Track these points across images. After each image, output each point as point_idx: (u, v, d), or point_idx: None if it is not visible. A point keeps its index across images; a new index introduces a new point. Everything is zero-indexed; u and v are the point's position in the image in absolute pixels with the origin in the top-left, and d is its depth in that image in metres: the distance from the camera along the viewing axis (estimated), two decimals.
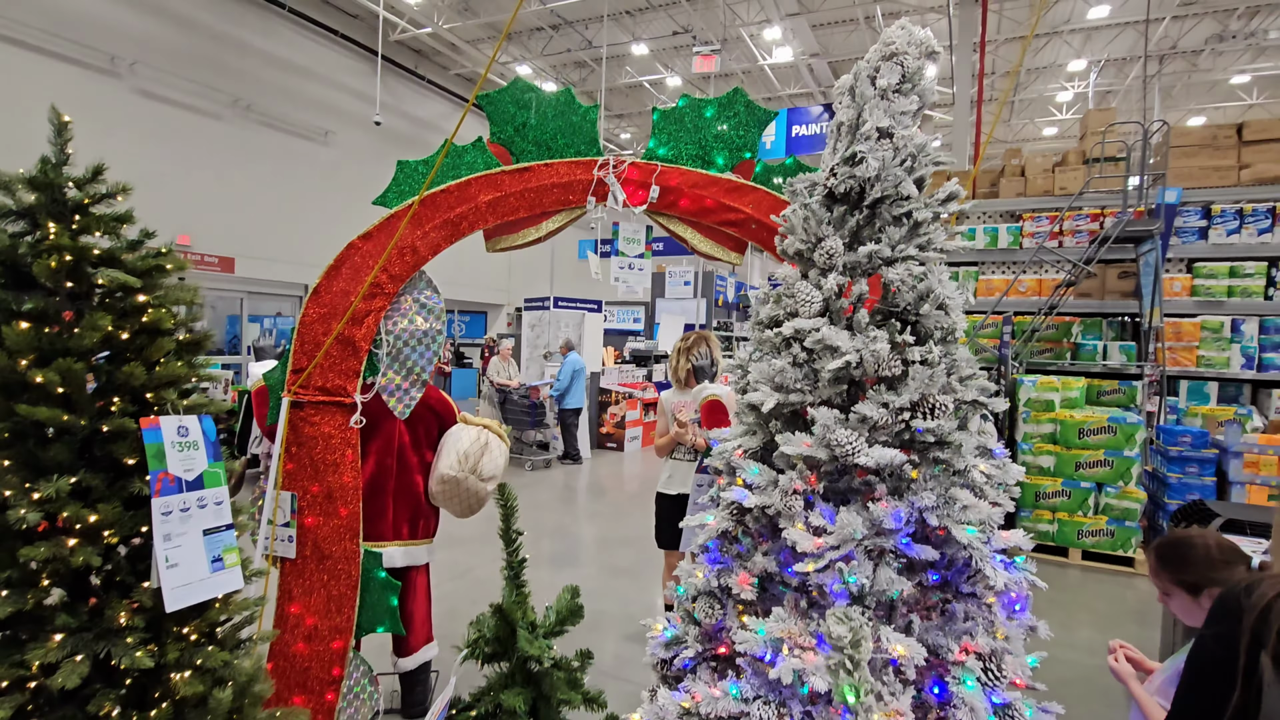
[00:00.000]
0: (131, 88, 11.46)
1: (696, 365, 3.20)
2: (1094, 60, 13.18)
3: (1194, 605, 1.67)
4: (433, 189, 2.54)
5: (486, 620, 1.63)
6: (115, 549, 1.65)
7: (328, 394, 2.49)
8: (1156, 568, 1.72)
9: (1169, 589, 1.70)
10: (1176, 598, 1.70)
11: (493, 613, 1.62)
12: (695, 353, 3.48)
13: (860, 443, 1.59)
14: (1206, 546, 1.68)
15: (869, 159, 1.70)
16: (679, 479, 3.55)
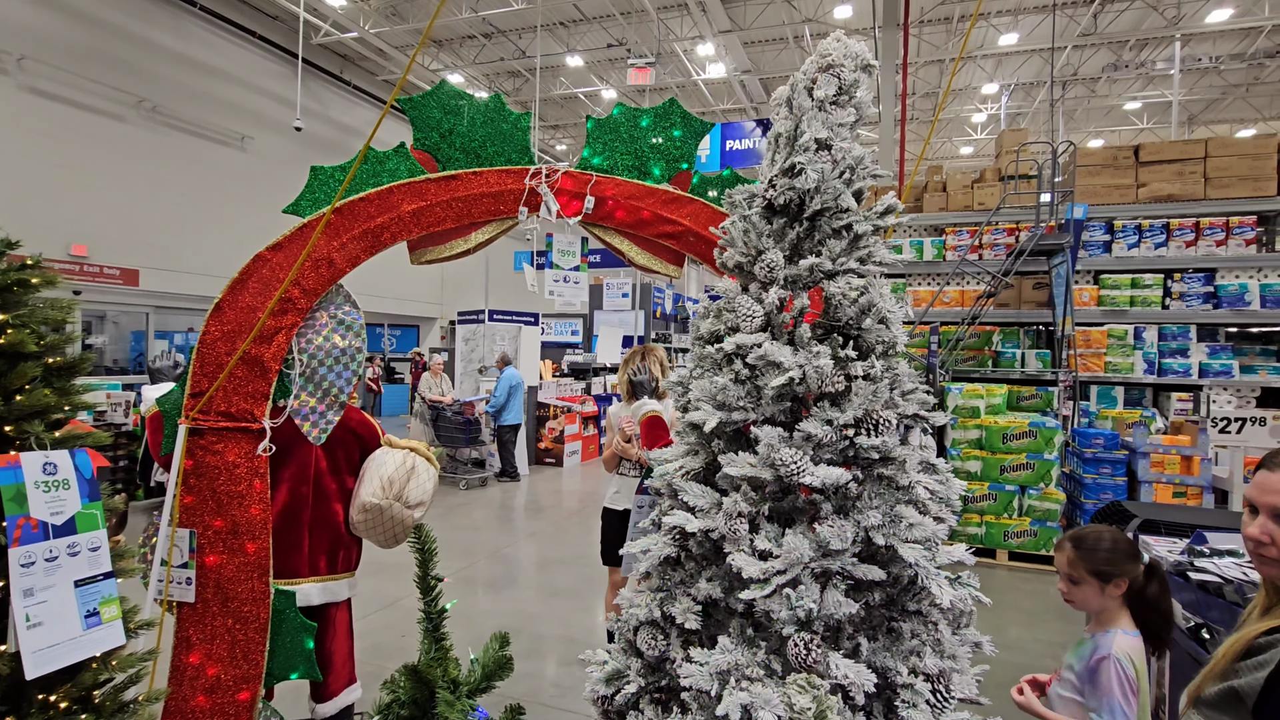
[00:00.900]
0: (20, 84, 10.55)
1: (634, 380, 3.11)
2: (1005, 84, 14.01)
3: (1098, 594, 1.75)
4: (351, 197, 2.37)
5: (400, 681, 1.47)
6: None
7: (232, 419, 2.27)
8: (1074, 557, 1.77)
9: (1082, 577, 1.76)
10: (1085, 586, 1.77)
11: (405, 673, 1.47)
12: (633, 367, 3.41)
13: (805, 461, 1.53)
14: (1116, 540, 1.75)
15: (808, 170, 1.67)
16: (625, 494, 3.49)
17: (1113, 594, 1.76)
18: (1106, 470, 5.47)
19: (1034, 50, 13.11)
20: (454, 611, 4.50)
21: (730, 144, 14.75)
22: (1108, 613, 1.78)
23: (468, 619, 4.45)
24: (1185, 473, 5.25)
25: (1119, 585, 1.75)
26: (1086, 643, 1.78)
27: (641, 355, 3.56)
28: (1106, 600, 1.77)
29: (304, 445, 2.64)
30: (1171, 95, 12.54)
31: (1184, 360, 6.85)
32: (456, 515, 7.45)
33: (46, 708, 1.49)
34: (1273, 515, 1.12)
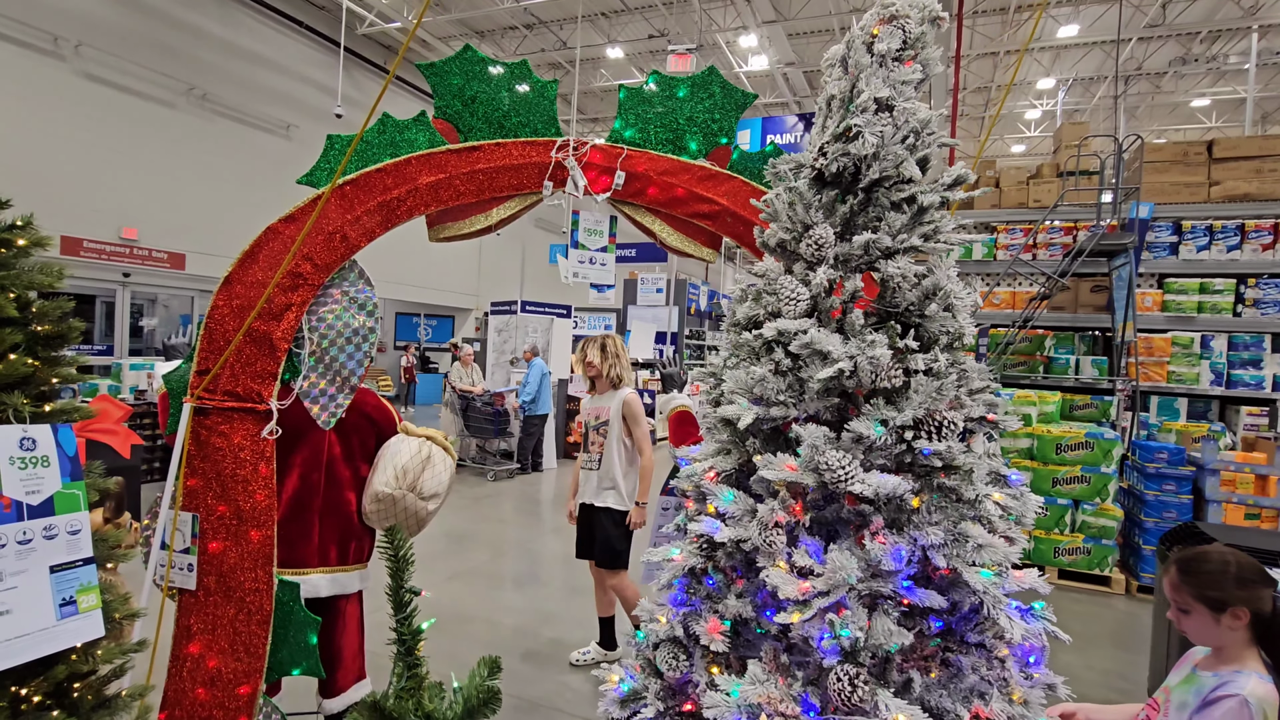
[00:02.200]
0: (76, 70, 10.83)
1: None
2: (1062, 79, 13.37)
3: (1213, 624, 1.49)
4: (367, 167, 2.23)
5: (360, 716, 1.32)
6: None
7: (238, 399, 2.16)
8: (1177, 581, 1.52)
9: (1190, 604, 1.50)
10: (1196, 615, 1.50)
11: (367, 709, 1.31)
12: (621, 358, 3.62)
13: (854, 467, 1.33)
14: (1229, 563, 1.49)
15: (866, 134, 1.46)
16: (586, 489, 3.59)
17: (1231, 625, 1.50)
18: (1170, 487, 5.08)
19: (1096, 43, 12.46)
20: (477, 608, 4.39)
21: (772, 138, 14.42)
22: (1231, 648, 1.52)
23: (488, 616, 4.33)
24: (1260, 493, 4.83)
25: (1238, 616, 1.49)
26: (1203, 679, 1.52)
27: (600, 345, 3.63)
28: (1224, 633, 1.51)
29: (316, 430, 2.52)
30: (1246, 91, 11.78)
31: (1256, 372, 6.36)
32: (483, 507, 7.38)
33: (16, 702, 1.38)
34: None
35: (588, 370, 3.64)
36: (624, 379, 3.63)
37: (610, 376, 3.59)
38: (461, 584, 4.93)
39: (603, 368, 3.59)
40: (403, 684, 1.27)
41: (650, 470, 3.52)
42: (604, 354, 3.61)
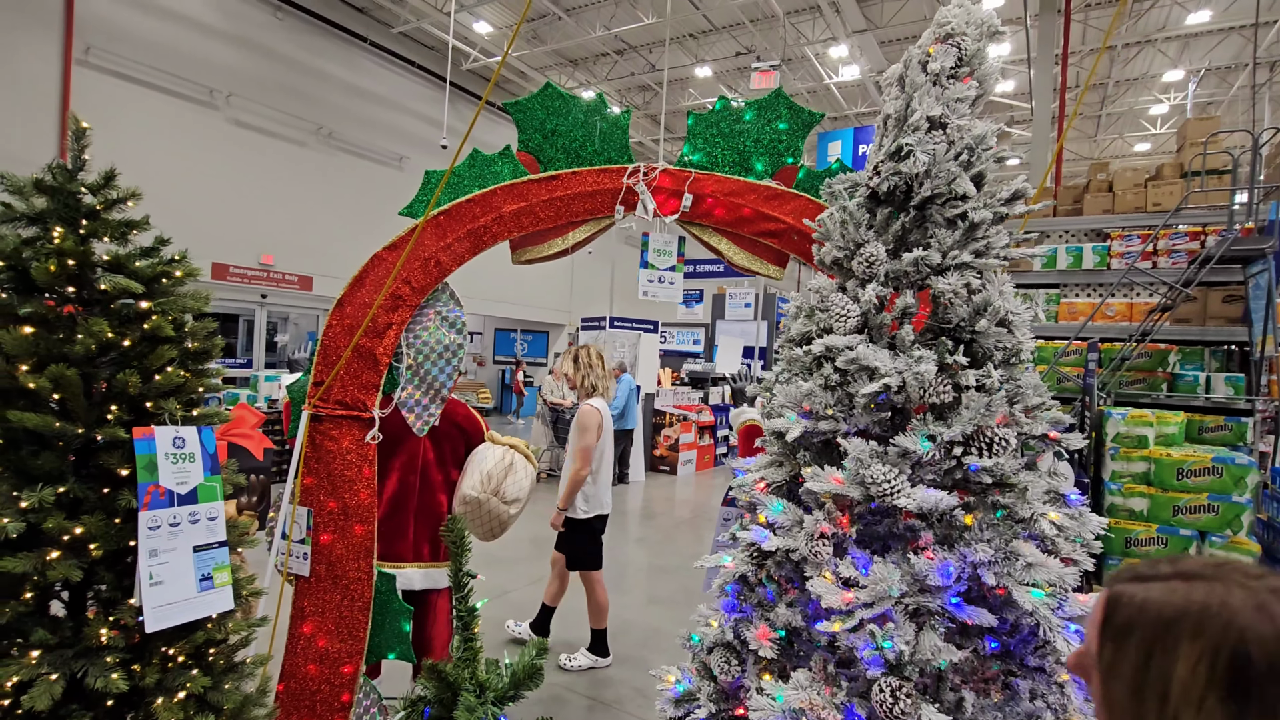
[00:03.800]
0: (226, 118, 12.27)
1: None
2: (1193, 69, 12.22)
3: None
4: (458, 199, 2.46)
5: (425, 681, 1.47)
6: (100, 563, 1.59)
7: (346, 408, 2.42)
8: None
9: None
10: None
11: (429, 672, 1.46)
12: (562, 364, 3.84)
13: (901, 481, 1.35)
14: None
15: (917, 152, 1.49)
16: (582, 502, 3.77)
17: None
18: None
19: (1231, 28, 11.32)
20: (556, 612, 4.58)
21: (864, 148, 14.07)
22: None
23: (563, 618, 4.49)
24: None
25: None
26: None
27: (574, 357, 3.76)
28: None
29: (413, 437, 2.77)
30: None
31: None
32: None
33: (165, 660, 1.64)
34: None
35: (566, 382, 3.79)
36: (598, 389, 3.72)
37: (585, 386, 3.70)
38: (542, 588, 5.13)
39: (576, 378, 3.72)
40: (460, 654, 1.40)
41: (577, 481, 3.61)
42: (576, 365, 3.74)
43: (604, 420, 3.70)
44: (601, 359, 3.80)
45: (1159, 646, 0.61)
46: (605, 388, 3.74)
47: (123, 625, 1.57)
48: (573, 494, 3.65)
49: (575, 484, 3.62)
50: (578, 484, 3.63)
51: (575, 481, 3.61)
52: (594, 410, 3.65)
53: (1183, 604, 0.62)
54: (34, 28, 9.65)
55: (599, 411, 3.66)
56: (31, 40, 9.62)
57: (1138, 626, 0.63)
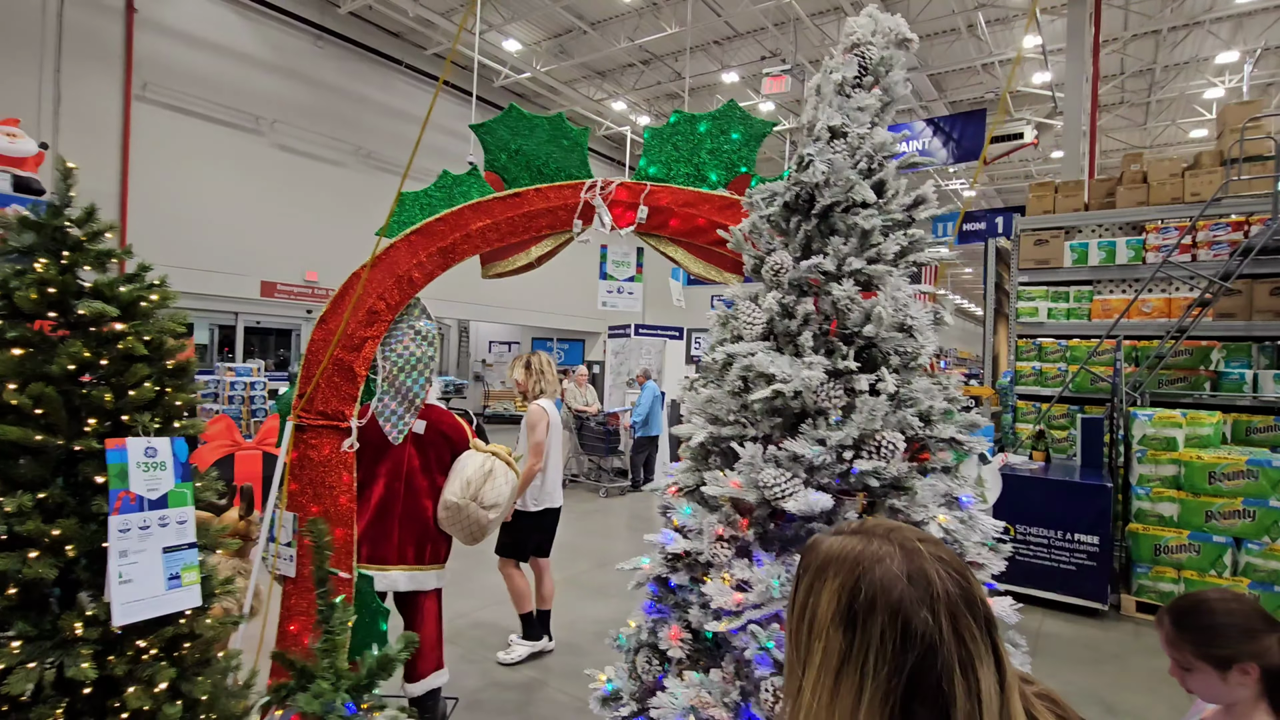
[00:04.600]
0: (272, 143, 12.93)
1: None
2: (1248, 50, 11.57)
3: (1220, 683, 1.31)
4: (429, 218, 2.58)
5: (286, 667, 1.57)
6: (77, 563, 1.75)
7: (327, 418, 2.57)
8: (1174, 638, 1.36)
9: (1191, 663, 1.34)
10: (1199, 673, 1.34)
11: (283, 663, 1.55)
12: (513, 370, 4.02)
13: (794, 484, 1.38)
14: (1233, 611, 1.32)
15: (816, 162, 1.52)
16: None
17: (1240, 682, 1.34)
18: None
19: None
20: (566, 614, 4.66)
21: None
22: (1241, 705, 1.37)
23: (569, 623, 4.57)
24: None
25: (1246, 671, 1.33)
26: None
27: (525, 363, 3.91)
28: (1233, 690, 1.36)
29: (399, 445, 2.91)
30: None
31: None
32: (593, 520, 7.72)
33: (139, 653, 1.79)
34: None
35: (516, 387, 3.95)
36: (546, 392, 3.89)
37: (534, 391, 3.87)
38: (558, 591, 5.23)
39: (527, 384, 3.89)
40: (320, 646, 1.50)
41: (529, 475, 3.73)
42: (529, 371, 3.91)
43: (551, 418, 3.87)
44: (552, 365, 3.99)
45: (817, 581, 0.72)
46: (553, 391, 3.94)
47: (98, 620, 1.73)
48: (525, 488, 3.81)
49: (528, 478, 3.78)
50: (529, 478, 3.79)
51: (528, 475, 3.77)
52: (541, 409, 3.85)
53: (839, 550, 0.73)
54: (97, 68, 10.40)
55: (545, 410, 3.85)
56: (95, 80, 10.37)
57: (811, 566, 0.74)
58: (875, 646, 0.66)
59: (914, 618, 0.65)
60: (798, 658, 0.72)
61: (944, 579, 0.68)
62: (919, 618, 0.65)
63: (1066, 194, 7.47)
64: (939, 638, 0.65)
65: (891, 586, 0.67)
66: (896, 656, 0.65)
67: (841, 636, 0.68)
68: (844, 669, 0.67)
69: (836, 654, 0.68)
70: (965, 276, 33.28)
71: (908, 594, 0.67)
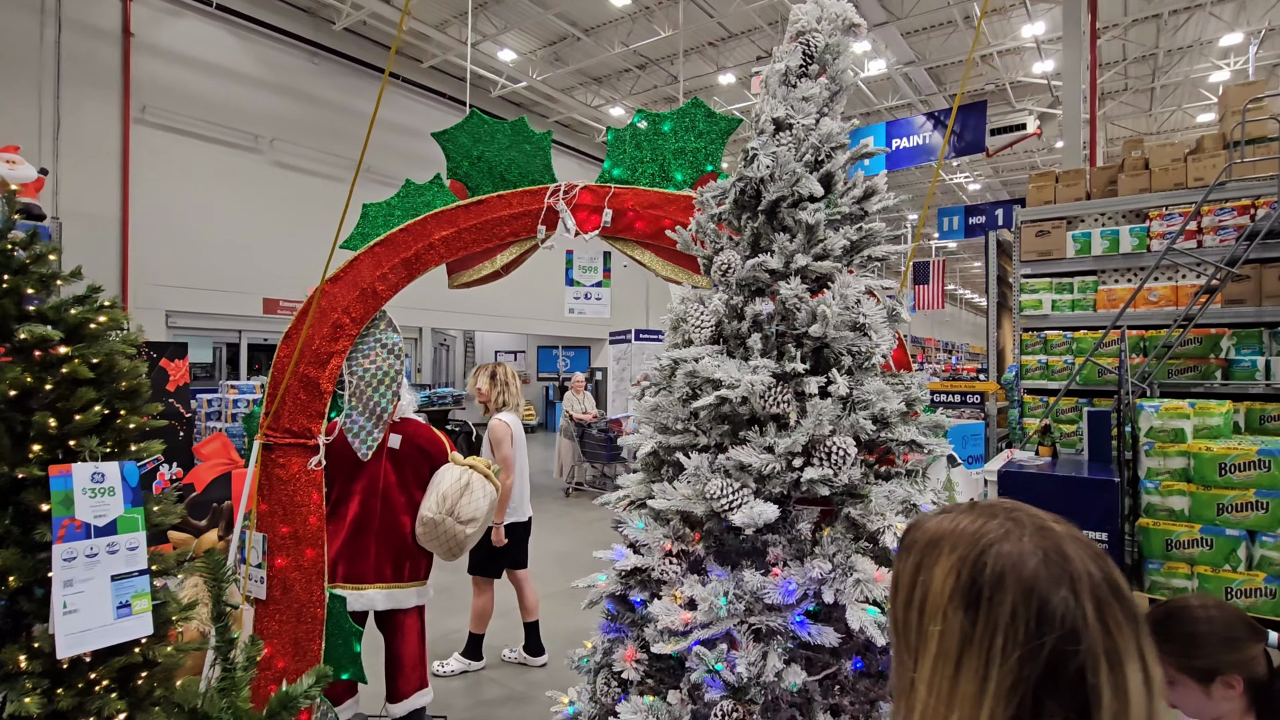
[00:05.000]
0: (271, 161, 13.02)
1: None
2: (1252, 31, 11.36)
3: (1203, 696, 1.22)
4: (393, 229, 2.54)
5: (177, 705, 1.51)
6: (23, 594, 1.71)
7: (294, 436, 2.52)
8: None
9: (1172, 675, 1.24)
10: (1181, 688, 1.24)
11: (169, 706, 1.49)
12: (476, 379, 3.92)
13: (742, 495, 1.31)
14: (1214, 619, 1.23)
15: (760, 155, 1.45)
16: None
17: (1224, 695, 1.25)
18: None
19: None
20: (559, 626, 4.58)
21: (897, 142, 13.71)
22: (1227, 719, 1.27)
23: (568, 633, 4.50)
24: None
25: (1230, 684, 1.24)
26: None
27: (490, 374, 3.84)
28: (1217, 704, 1.27)
29: (374, 461, 2.86)
30: None
31: None
32: (595, 529, 7.64)
33: (89, 685, 1.74)
34: None
35: (478, 397, 3.84)
36: (509, 404, 3.80)
37: (496, 402, 3.79)
38: (553, 603, 5.16)
39: (491, 394, 3.80)
40: (219, 685, 1.44)
41: (506, 490, 3.64)
42: (493, 382, 3.82)
43: (514, 431, 3.80)
44: (516, 378, 3.90)
45: (926, 560, 0.65)
46: (516, 404, 3.86)
47: (43, 652, 1.68)
48: (505, 506, 3.75)
49: (506, 494, 3.72)
50: (508, 493, 3.73)
51: (505, 491, 3.71)
52: (503, 423, 3.77)
53: (950, 526, 0.66)
54: (95, 93, 10.51)
55: (508, 425, 3.78)
56: (94, 104, 10.48)
57: (916, 545, 0.68)
58: (1004, 627, 0.58)
59: (1052, 597, 0.57)
60: (908, 649, 0.65)
61: (1084, 560, 0.60)
62: (1058, 597, 0.57)
63: (1067, 183, 7.34)
64: (1082, 622, 0.57)
65: (1023, 561, 0.59)
66: (1030, 640, 0.57)
67: (963, 616, 0.60)
68: (966, 653, 0.59)
69: (956, 637, 0.60)
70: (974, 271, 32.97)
71: (1043, 571, 0.59)
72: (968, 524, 0.65)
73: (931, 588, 0.63)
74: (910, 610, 0.65)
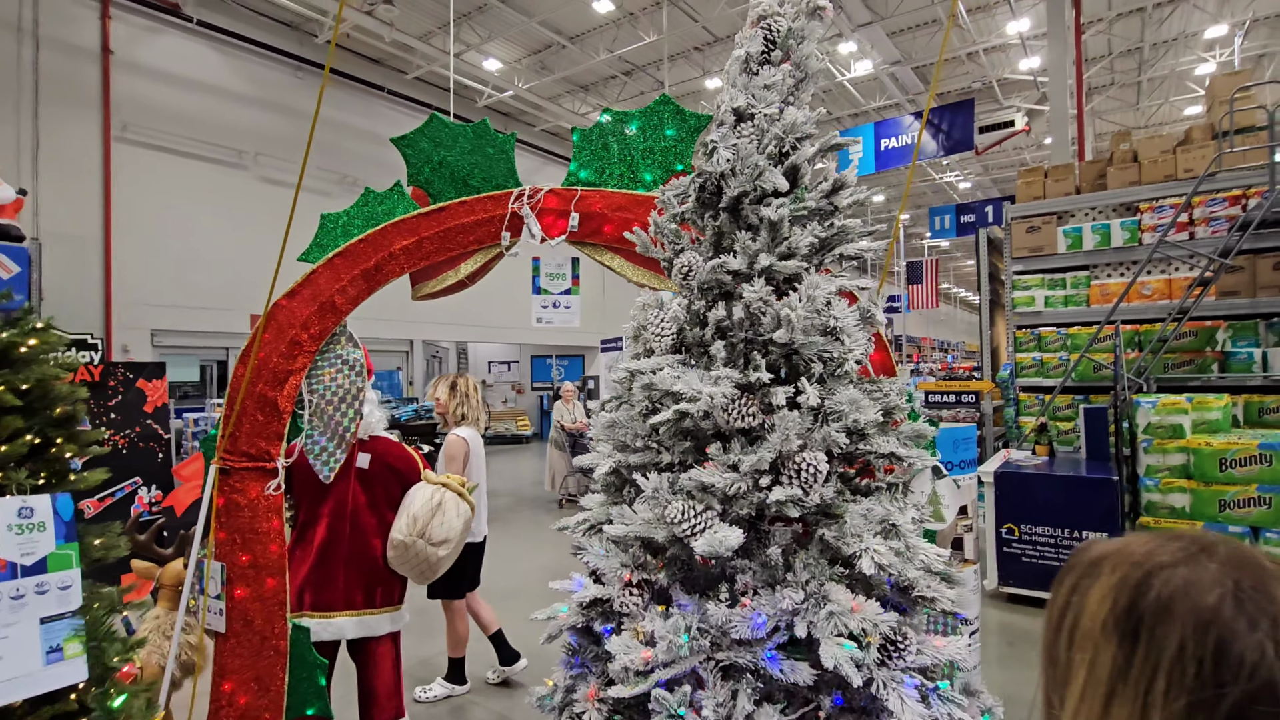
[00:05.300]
0: (255, 175, 12.89)
1: None
2: (1236, 22, 11.36)
3: None
4: (352, 239, 2.42)
5: None
6: None
7: (252, 459, 2.40)
8: None
9: None
10: None
11: None
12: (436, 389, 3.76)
13: (706, 517, 1.19)
14: None
15: (720, 148, 1.34)
16: None
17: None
18: None
19: None
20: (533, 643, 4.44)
21: (885, 143, 13.68)
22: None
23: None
24: None
25: None
26: None
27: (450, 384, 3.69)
28: None
29: (341, 482, 2.73)
30: None
31: None
32: None
33: None
34: None
35: (436, 408, 3.68)
36: (468, 418, 3.64)
37: (455, 415, 3.63)
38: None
39: (449, 406, 3.63)
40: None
41: None
42: (453, 393, 3.66)
43: (471, 448, 3.63)
44: (478, 391, 3.75)
45: (1083, 581, 0.58)
46: (476, 417, 3.70)
47: None
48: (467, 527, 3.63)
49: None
50: None
51: None
52: (460, 440, 3.61)
53: (1120, 545, 0.59)
54: (75, 111, 10.40)
55: (466, 440, 3.61)
56: (74, 124, 10.37)
57: (1077, 566, 0.61)
58: (1168, 666, 0.48)
59: (1238, 638, 0.47)
60: (1054, 681, 0.57)
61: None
62: (1248, 640, 0.47)
63: (1056, 178, 7.27)
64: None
65: (1200, 590, 0.50)
66: (1204, 686, 0.47)
67: (1116, 647, 0.51)
68: (1117, 692, 0.50)
69: (1108, 669, 0.51)
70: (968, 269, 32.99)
71: (1228, 606, 0.49)
72: (1140, 545, 0.57)
73: (1084, 611, 0.55)
74: (1059, 639, 0.57)
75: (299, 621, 2.44)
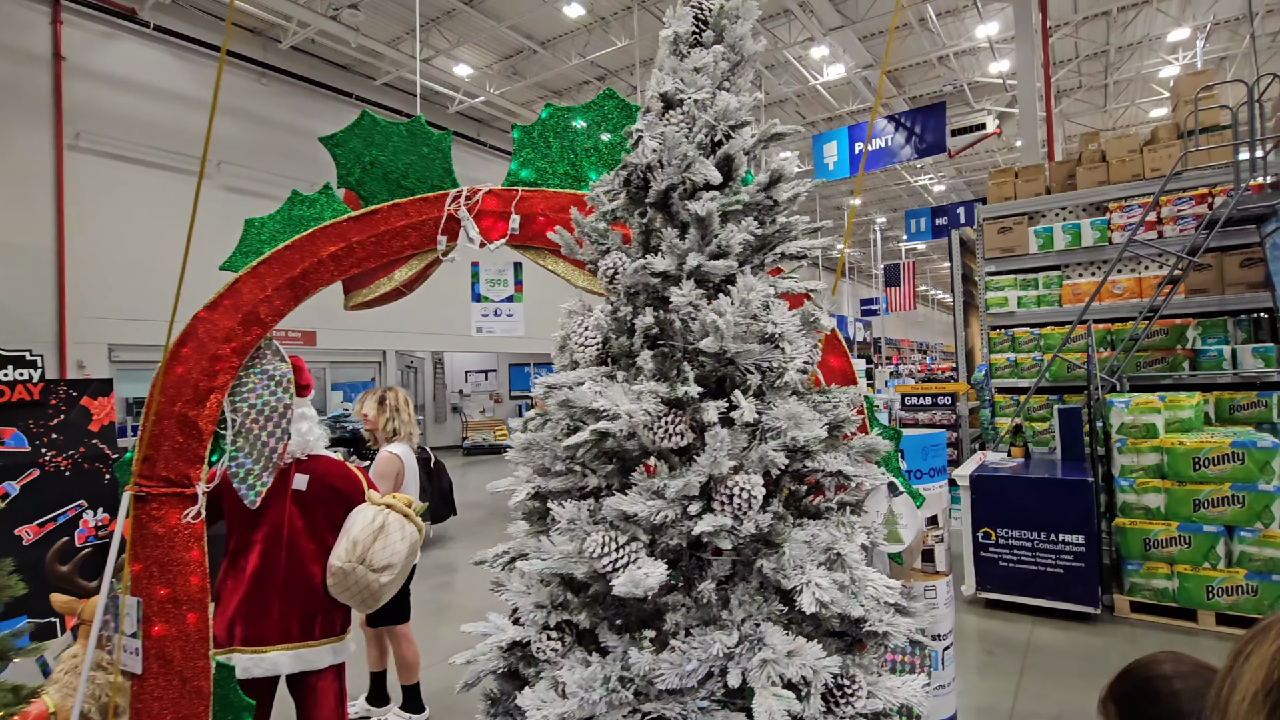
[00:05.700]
0: (219, 184, 12.57)
1: None
2: (1198, 25, 11.55)
3: None
4: (278, 245, 2.26)
5: None
6: None
7: (171, 484, 2.21)
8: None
9: None
10: None
11: None
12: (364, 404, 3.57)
13: (630, 550, 1.05)
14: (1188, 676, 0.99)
15: (645, 138, 1.21)
16: None
17: None
18: None
19: None
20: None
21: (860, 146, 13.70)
22: None
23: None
24: None
25: None
26: None
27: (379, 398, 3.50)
28: None
29: (276, 505, 2.56)
30: None
31: None
32: None
33: None
34: None
35: (365, 424, 3.50)
36: (400, 433, 3.46)
37: (386, 430, 3.44)
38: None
39: (379, 421, 3.45)
40: None
41: None
42: (381, 407, 3.48)
43: (404, 466, 3.44)
44: (409, 403, 3.57)
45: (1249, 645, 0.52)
46: (409, 432, 3.50)
47: None
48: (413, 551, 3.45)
49: None
50: None
51: None
52: (393, 457, 3.42)
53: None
54: (25, 118, 10.05)
55: (399, 458, 3.42)
56: (24, 131, 10.02)
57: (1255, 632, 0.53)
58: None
59: None
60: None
61: None
62: None
63: (1027, 179, 7.28)
64: None
65: None
66: None
67: None
68: None
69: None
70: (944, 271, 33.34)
71: None
72: None
73: (1239, 681, 0.50)
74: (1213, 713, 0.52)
75: (226, 659, 2.26)
